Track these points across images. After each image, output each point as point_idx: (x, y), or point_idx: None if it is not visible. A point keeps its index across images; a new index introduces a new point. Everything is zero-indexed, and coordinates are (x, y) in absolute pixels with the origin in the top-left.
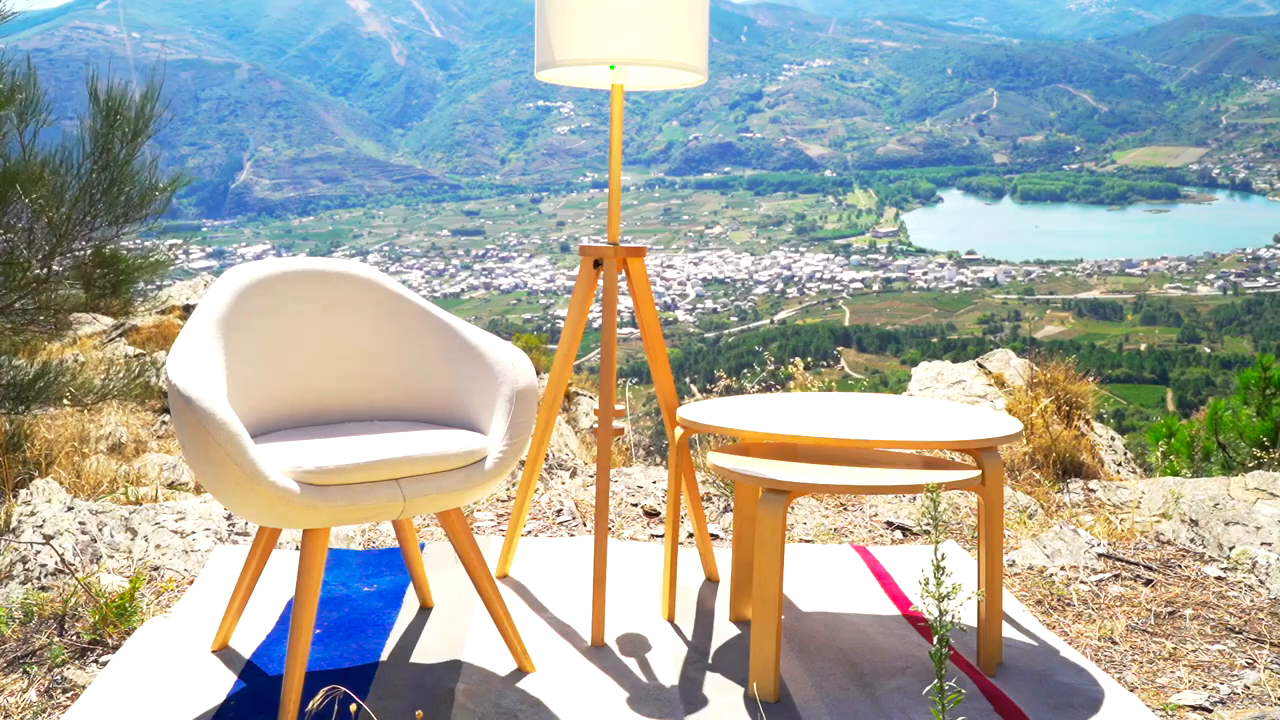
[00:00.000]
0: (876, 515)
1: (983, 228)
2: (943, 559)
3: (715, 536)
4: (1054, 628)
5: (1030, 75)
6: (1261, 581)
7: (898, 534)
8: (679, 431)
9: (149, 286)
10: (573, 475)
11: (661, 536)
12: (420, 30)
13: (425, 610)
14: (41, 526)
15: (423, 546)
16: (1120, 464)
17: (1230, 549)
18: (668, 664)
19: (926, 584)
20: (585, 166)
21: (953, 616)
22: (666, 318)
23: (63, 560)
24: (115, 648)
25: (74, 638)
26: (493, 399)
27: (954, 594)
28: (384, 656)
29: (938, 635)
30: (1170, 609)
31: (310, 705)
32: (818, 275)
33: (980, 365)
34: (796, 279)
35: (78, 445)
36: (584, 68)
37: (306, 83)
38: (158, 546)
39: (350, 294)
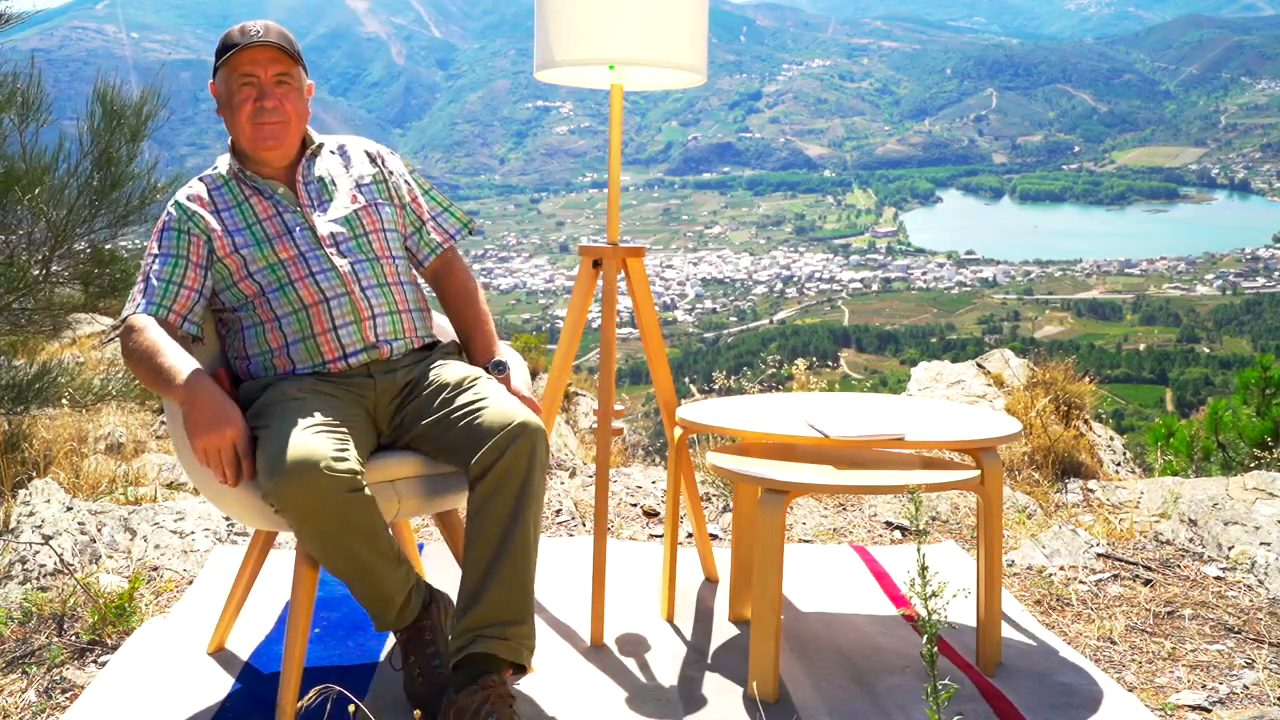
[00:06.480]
0: (876, 515)
1: (982, 228)
2: (924, 559)
3: (715, 536)
4: (1053, 628)
5: (1029, 75)
6: (1260, 581)
7: (897, 534)
8: (678, 431)
9: None
10: (572, 475)
11: (661, 536)
12: (419, 30)
13: None
14: (40, 527)
15: (421, 548)
16: (1119, 464)
17: (1229, 549)
18: (667, 664)
19: (913, 584)
20: (584, 166)
21: (940, 615)
22: (666, 318)
23: (62, 560)
24: (114, 648)
25: (73, 638)
26: None
27: (940, 592)
28: (382, 656)
29: (927, 634)
30: (1169, 609)
31: (303, 701)
32: (817, 275)
33: (979, 365)
34: (796, 279)
35: (76, 445)
36: (583, 68)
37: None
38: (157, 547)
39: None
